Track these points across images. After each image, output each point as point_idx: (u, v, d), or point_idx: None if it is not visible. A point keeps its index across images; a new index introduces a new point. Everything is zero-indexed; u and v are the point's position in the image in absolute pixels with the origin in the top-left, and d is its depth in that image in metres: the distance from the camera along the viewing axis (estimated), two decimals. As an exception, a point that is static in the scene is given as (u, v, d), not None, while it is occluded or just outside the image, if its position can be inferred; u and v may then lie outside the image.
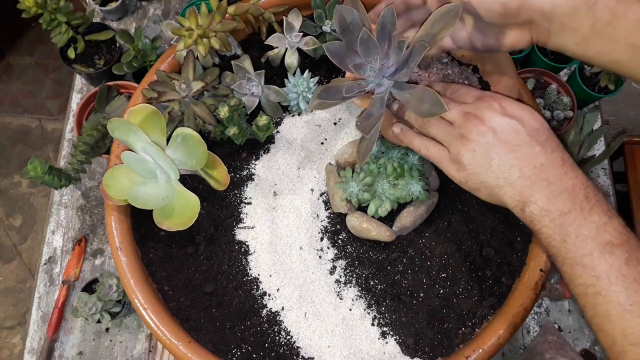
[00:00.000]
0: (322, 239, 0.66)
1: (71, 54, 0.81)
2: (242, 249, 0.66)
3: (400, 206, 0.64)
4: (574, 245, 0.43)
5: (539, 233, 0.45)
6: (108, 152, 0.68)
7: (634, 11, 0.40)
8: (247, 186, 0.68)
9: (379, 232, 0.62)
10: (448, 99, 0.51)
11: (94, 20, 0.83)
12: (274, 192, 0.68)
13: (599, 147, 0.87)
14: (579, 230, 0.43)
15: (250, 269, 0.65)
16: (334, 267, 0.65)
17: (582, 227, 0.43)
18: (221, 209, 0.67)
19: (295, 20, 0.69)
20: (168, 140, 0.59)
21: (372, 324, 0.62)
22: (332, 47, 0.56)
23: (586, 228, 0.42)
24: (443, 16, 0.54)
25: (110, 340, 0.77)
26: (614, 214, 0.43)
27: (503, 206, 0.48)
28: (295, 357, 0.61)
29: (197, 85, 0.60)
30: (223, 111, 0.61)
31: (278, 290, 0.64)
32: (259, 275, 0.64)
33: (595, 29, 0.42)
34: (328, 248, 0.66)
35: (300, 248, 0.66)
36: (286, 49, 0.70)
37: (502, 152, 0.46)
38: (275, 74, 0.72)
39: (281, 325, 0.62)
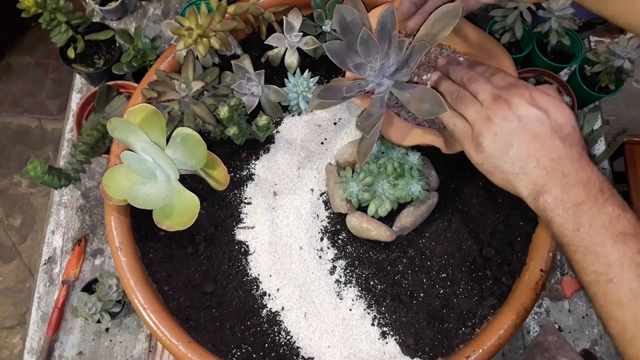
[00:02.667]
0: (322, 239, 0.66)
1: (71, 53, 0.81)
2: (242, 249, 0.66)
3: (400, 206, 0.64)
4: (587, 234, 0.43)
5: (551, 222, 0.45)
6: (108, 152, 0.67)
7: None
8: (247, 186, 0.68)
9: (379, 232, 0.62)
10: (484, 79, 0.52)
11: (93, 20, 0.83)
12: (274, 192, 0.68)
13: (599, 147, 0.87)
14: (592, 220, 0.43)
15: (250, 269, 0.65)
16: (334, 267, 0.65)
17: (596, 217, 0.43)
18: (221, 209, 0.67)
19: (295, 20, 0.69)
20: (168, 140, 0.59)
21: (372, 324, 0.62)
22: (332, 47, 0.56)
23: (600, 218, 0.43)
24: (443, 16, 0.54)
25: (110, 340, 0.77)
26: (627, 207, 0.44)
27: (515, 194, 0.48)
28: (295, 357, 0.61)
29: (197, 85, 0.60)
30: (223, 111, 0.61)
31: (278, 290, 0.64)
32: (258, 275, 0.64)
33: None
34: (328, 248, 0.66)
35: (300, 248, 0.65)
36: (286, 48, 0.70)
37: (522, 140, 0.46)
38: (275, 74, 0.72)
39: (281, 325, 0.62)
